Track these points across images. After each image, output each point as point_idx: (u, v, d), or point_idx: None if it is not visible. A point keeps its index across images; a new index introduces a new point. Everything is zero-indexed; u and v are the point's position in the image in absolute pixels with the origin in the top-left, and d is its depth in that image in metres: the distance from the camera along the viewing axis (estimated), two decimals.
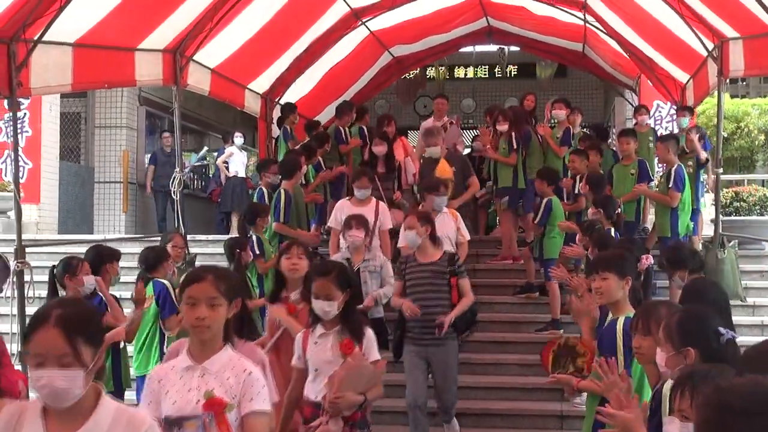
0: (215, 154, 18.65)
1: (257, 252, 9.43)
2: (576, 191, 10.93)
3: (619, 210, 9.71)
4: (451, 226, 9.24)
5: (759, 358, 2.82)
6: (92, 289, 7.25)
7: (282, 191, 9.99)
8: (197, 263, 10.55)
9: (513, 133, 11.83)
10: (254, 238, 9.49)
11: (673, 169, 10.26)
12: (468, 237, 9.63)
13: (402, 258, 8.10)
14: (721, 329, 3.69)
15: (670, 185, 10.22)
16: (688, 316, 3.87)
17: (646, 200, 11.13)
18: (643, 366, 4.46)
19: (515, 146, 11.81)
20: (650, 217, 12.02)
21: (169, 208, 15.88)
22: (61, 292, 7.15)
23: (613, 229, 9.03)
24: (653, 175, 12.05)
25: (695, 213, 11.17)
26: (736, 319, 9.80)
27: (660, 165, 12.77)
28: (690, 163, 11.12)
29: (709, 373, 3.07)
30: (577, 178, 10.95)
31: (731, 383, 2.04)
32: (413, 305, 7.53)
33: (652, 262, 6.67)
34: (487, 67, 23.41)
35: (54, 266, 7.13)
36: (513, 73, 22.94)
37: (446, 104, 14.13)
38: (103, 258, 7.50)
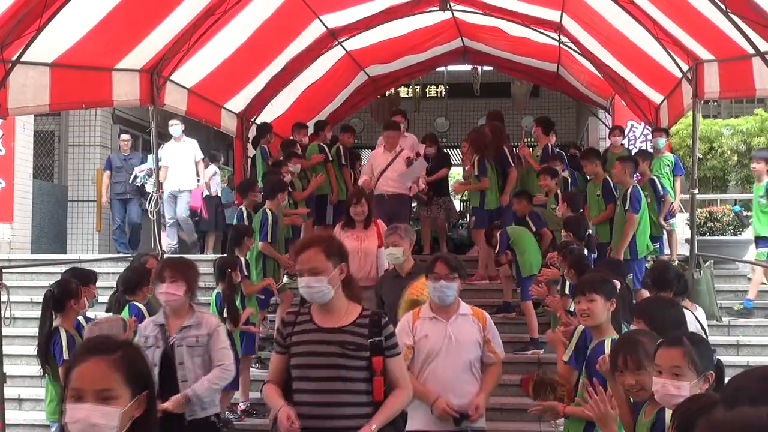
0: None
1: (245, 273, 9.37)
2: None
3: (590, 231, 9.79)
4: (472, 336, 5.90)
5: (744, 388, 2.84)
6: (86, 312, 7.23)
7: (268, 212, 9.95)
8: None
9: (485, 157, 11.91)
10: (241, 260, 9.41)
11: (629, 190, 10.22)
12: (502, 354, 6.04)
13: (288, 317, 4.75)
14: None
15: (626, 207, 10.22)
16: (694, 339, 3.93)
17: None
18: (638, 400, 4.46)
19: (495, 169, 11.93)
20: None
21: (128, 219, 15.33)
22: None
23: (586, 250, 9.09)
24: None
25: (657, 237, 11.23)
26: (712, 339, 9.91)
27: None
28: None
29: (704, 407, 3.09)
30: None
31: (724, 416, 2.06)
32: (293, 417, 4.36)
33: (619, 286, 6.69)
34: (460, 86, 23.54)
35: (50, 290, 7.01)
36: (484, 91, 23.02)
37: (397, 136, 12.29)
38: (80, 281, 7.42)
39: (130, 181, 15.10)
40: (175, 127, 14.90)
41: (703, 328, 6.74)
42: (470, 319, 5.90)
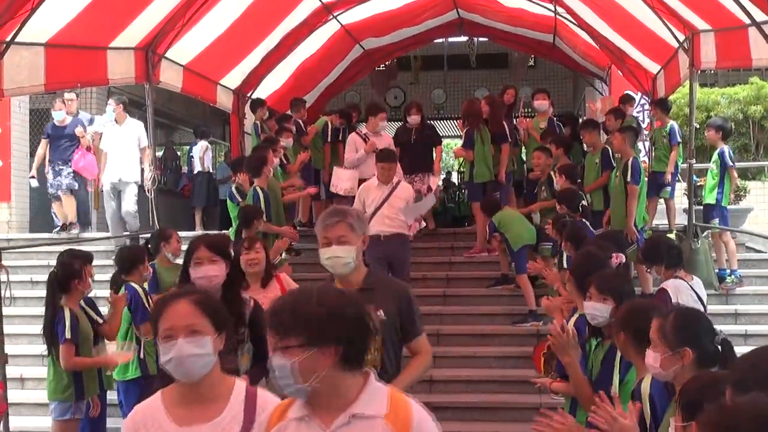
0: (187, 148, 18.57)
1: None
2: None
3: (584, 202, 9.84)
4: None
5: (755, 367, 2.85)
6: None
7: (258, 190, 9.92)
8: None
9: (474, 129, 11.94)
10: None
11: (629, 161, 10.19)
12: None
13: None
14: (716, 328, 3.73)
15: (627, 179, 10.21)
16: (684, 315, 3.88)
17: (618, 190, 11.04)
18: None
19: (487, 142, 11.95)
20: None
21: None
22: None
23: (584, 220, 9.14)
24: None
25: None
26: (711, 308, 10.00)
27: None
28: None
29: (708, 385, 3.11)
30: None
31: (737, 404, 2.05)
32: None
33: (624, 260, 6.65)
34: (457, 58, 23.42)
35: (54, 271, 7.02)
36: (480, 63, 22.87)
37: (393, 169, 9.88)
38: (79, 262, 7.38)
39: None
40: (112, 108, 12.89)
41: (699, 298, 6.74)
42: (379, 427, 2.93)
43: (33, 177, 14.00)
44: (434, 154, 12.80)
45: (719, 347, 3.72)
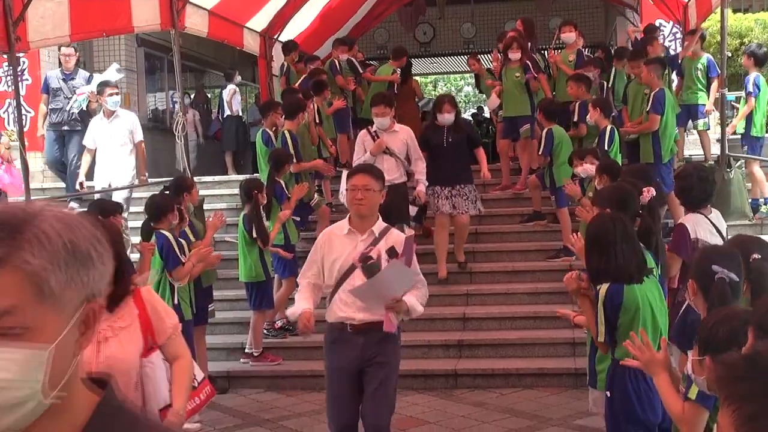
0: (218, 90, 18.57)
1: (287, 195, 9.45)
2: (576, 118, 10.94)
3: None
4: None
5: None
6: None
7: (287, 134, 9.97)
8: (205, 206, 10.57)
9: (529, 62, 11.82)
10: (282, 183, 9.52)
11: (654, 93, 10.08)
12: None
13: None
14: (715, 267, 3.79)
15: (648, 109, 10.10)
16: (699, 254, 3.99)
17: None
18: None
19: (535, 74, 11.86)
20: None
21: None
22: None
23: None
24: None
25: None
26: None
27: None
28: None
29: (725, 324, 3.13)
30: (577, 104, 10.96)
31: (758, 352, 2.03)
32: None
33: (654, 193, 6.53)
34: None
35: None
36: None
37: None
38: (106, 213, 7.40)
39: (68, 108, 12.07)
40: (113, 98, 10.94)
41: (719, 231, 6.63)
42: None
43: None
44: (478, 159, 10.51)
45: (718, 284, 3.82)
